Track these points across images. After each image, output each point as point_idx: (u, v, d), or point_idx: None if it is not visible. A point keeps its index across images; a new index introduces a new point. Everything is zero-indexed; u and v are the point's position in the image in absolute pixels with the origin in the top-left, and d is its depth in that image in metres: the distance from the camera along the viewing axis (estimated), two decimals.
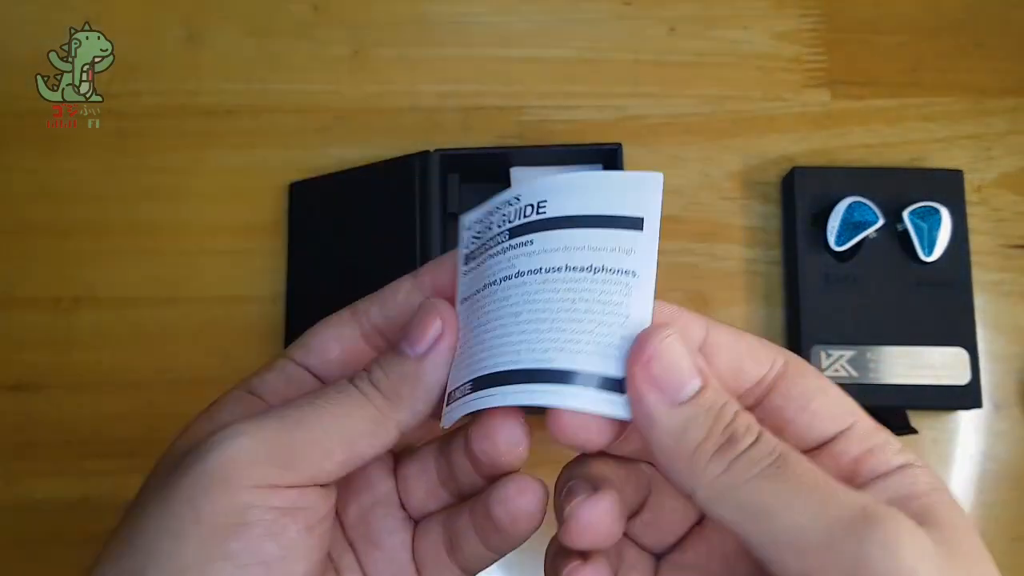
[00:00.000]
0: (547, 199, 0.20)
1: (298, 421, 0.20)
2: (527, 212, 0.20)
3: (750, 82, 0.45)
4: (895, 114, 0.45)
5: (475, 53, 0.46)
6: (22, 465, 0.41)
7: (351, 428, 0.20)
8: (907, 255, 0.41)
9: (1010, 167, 0.44)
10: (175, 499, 0.19)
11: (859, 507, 0.17)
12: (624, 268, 0.19)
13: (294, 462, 0.19)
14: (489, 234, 0.21)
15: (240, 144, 0.45)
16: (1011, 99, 0.45)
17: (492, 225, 0.21)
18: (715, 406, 0.19)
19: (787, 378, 0.21)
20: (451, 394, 0.21)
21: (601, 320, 0.19)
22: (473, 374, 0.20)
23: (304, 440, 0.20)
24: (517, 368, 0.19)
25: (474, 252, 0.22)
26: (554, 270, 0.19)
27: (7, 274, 0.43)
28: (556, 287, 0.19)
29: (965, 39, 0.46)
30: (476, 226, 0.22)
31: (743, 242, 0.44)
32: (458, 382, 0.20)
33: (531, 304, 0.19)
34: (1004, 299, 0.43)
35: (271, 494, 0.19)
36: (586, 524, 0.20)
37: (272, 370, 0.23)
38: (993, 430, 0.42)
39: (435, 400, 0.21)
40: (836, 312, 0.41)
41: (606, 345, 0.19)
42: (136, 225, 0.44)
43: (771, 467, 0.18)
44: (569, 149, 0.41)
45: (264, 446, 0.19)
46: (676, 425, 0.19)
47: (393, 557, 0.24)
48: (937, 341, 0.40)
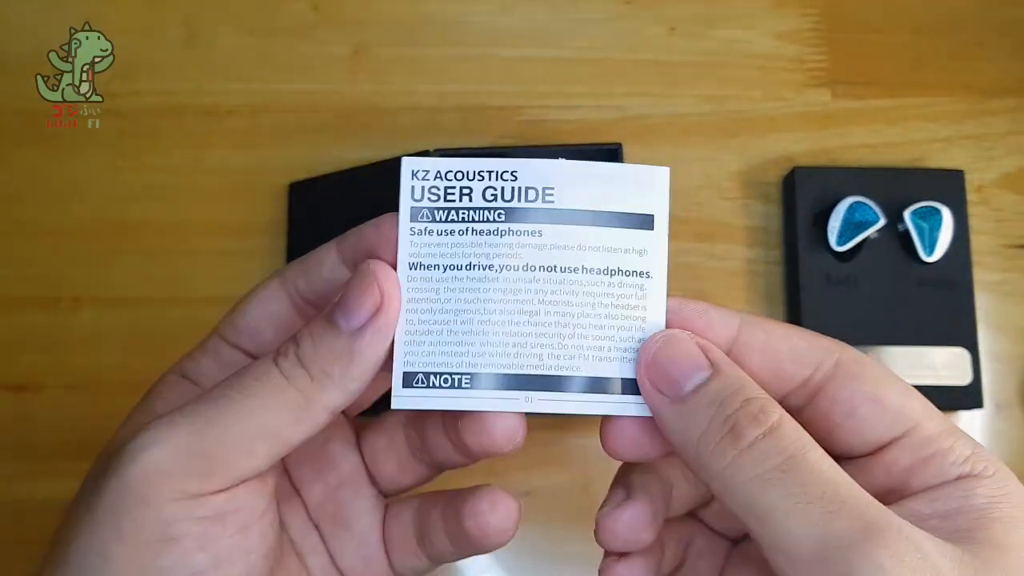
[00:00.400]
0: (554, 187, 0.19)
1: (211, 420, 0.18)
2: (530, 196, 0.19)
3: (751, 82, 0.45)
4: (896, 114, 0.45)
5: (475, 53, 0.46)
6: (22, 465, 0.41)
7: (273, 419, 0.18)
8: (908, 255, 0.41)
9: (1011, 167, 0.44)
10: (99, 516, 0.18)
11: (863, 522, 0.16)
12: (638, 270, 0.20)
13: (213, 468, 0.18)
14: (467, 203, 0.20)
15: (240, 144, 0.45)
16: (1012, 99, 0.45)
17: (472, 193, 0.20)
18: (719, 396, 0.18)
19: (836, 380, 0.20)
20: (421, 376, 0.19)
21: (620, 324, 0.19)
22: (474, 367, 0.19)
23: (220, 441, 0.18)
24: (540, 373, 0.19)
25: (435, 212, 0.20)
26: (570, 270, 0.19)
27: (7, 274, 0.43)
28: (574, 289, 0.19)
29: (966, 39, 0.46)
30: (437, 182, 0.20)
31: (744, 242, 0.44)
32: (440, 366, 0.19)
33: (548, 305, 0.19)
34: (1005, 299, 0.43)
35: (194, 504, 0.18)
36: (612, 532, 0.20)
37: (205, 352, 0.22)
38: (994, 430, 0.42)
39: (371, 377, 0.19)
40: (837, 312, 0.41)
41: (627, 350, 0.19)
42: (136, 225, 0.44)
43: (776, 469, 0.17)
44: (569, 149, 0.41)
45: (178, 455, 0.18)
46: (679, 421, 0.19)
47: (363, 540, 0.23)
48: (938, 341, 0.40)
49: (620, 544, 0.21)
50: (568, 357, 0.19)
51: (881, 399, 0.20)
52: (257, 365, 0.19)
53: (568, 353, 0.19)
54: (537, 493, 0.41)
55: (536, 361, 0.19)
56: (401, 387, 0.19)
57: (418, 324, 0.20)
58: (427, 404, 0.19)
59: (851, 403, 0.20)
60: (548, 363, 0.19)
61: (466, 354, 0.19)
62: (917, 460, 0.19)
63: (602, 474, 0.41)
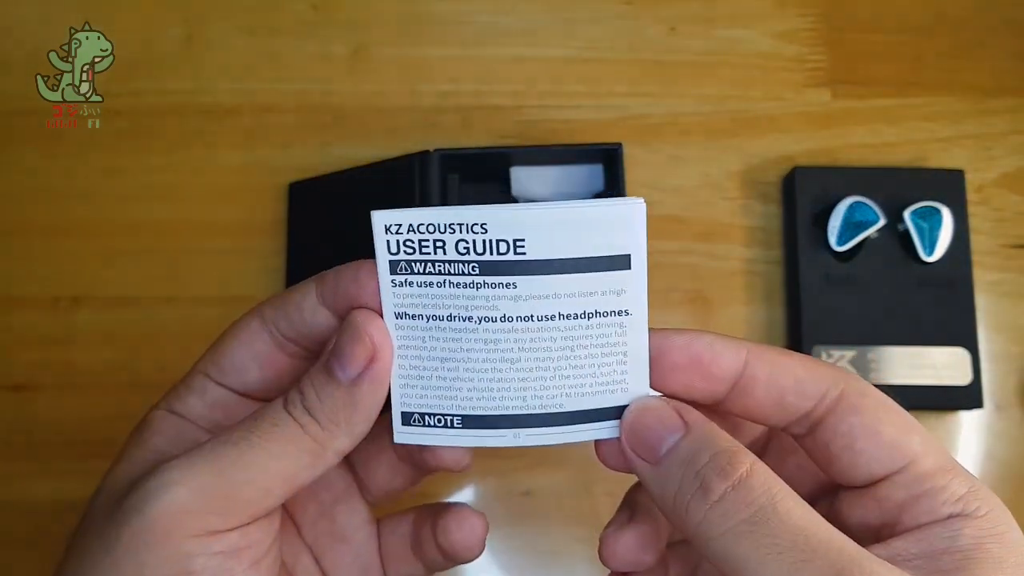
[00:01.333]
0: (525, 238, 0.19)
1: (233, 462, 0.19)
2: (501, 248, 0.19)
3: (751, 82, 0.45)
4: (896, 114, 0.45)
5: (475, 53, 0.46)
6: (22, 465, 0.41)
7: (289, 464, 0.20)
8: (908, 255, 0.41)
9: (1011, 167, 0.44)
10: (119, 554, 0.19)
11: (834, 570, 0.16)
12: (617, 309, 0.20)
13: (233, 507, 0.19)
14: (441, 256, 0.20)
15: (240, 144, 0.45)
16: (1012, 99, 0.45)
17: (444, 246, 0.20)
18: (689, 454, 0.19)
19: (837, 412, 0.20)
20: (416, 416, 0.21)
21: (601, 363, 0.20)
22: (462, 410, 0.20)
23: (241, 483, 0.19)
24: (525, 413, 0.20)
25: (411, 265, 0.20)
26: (547, 318, 0.20)
27: (6, 274, 0.43)
28: (552, 335, 0.20)
29: (966, 39, 0.46)
30: (410, 235, 0.20)
31: (743, 242, 0.44)
32: (432, 408, 0.21)
33: (528, 352, 0.20)
34: (1005, 299, 0.43)
35: (213, 541, 0.19)
36: (613, 552, 0.22)
37: (191, 391, 0.22)
38: (994, 430, 0.42)
39: (374, 419, 0.21)
40: (837, 312, 0.41)
41: (609, 383, 0.20)
42: (136, 225, 0.44)
43: (746, 522, 0.17)
44: (569, 149, 0.41)
45: (201, 495, 0.19)
46: (657, 481, 0.20)
47: (361, 550, 0.24)
48: (938, 341, 0.40)
49: (622, 565, 0.22)
50: (551, 397, 0.20)
51: (879, 433, 0.20)
52: (272, 412, 0.20)
53: (550, 393, 0.20)
54: (537, 493, 0.41)
55: (520, 402, 0.20)
56: (400, 425, 0.21)
57: (409, 369, 0.21)
58: (424, 440, 0.21)
59: (849, 436, 0.20)
60: (531, 403, 0.20)
61: (454, 398, 0.20)
62: (910, 497, 0.19)
63: (602, 474, 0.41)
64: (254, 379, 0.22)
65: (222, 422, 0.22)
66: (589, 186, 0.42)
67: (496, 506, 0.41)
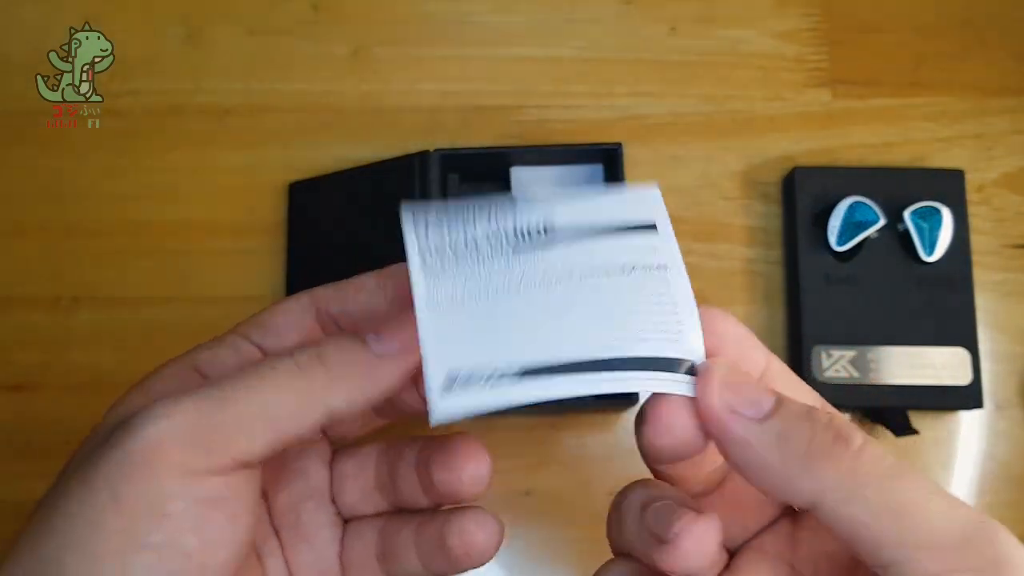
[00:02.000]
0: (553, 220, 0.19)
1: (221, 400, 0.19)
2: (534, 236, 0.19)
3: (751, 82, 0.45)
4: (896, 114, 0.45)
5: (475, 53, 0.46)
6: (22, 465, 0.41)
7: (276, 405, 0.19)
8: (908, 255, 0.41)
9: (1011, 167, 0.44)
10: (95, 483, 0.18)
11: (976, 512, 0.17)
12: (655, 263, 0.19)
13: (215, 444, 0.18)
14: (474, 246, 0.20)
15: (240, 144, 0.45)
16: (1013, 99, 0.45)
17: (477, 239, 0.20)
18: (803, 410, 0.18)
19: None
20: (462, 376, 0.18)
21: (653, 310, 0.19)
22: (521, 359, 0.18)
23: (226, 420, 0.19)
24: (584, 359, 0.18)
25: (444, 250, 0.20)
26: (589, 275, 0.19)
27: (6, 274, 0.43)
28: (598, 287, 0.19)
29: (967, 38, 0.46)
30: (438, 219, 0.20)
31: (744, 242, 0.44)
32: (481, 363, 0.18)
33: (577, 307, 0.19)
34: (1005, 299, 0.43)
35: (193, 483, 0.18)
36: (695, 548, 0.18)
37: (224, 345, 0.22)
38: (994, 430, 0.42)
39: (374, 401, 0.20)
40: (837, 312, 0.41)
41: (668, 332, 0.19)
42: (136, 225, 0.44)
43: (895, 466, 0.17)
44: (569, 149, 0.41)
45: (185, 427, 0.18)
46: (773, 438, 0.18)
47: (321, 554, 0.23)
48: (938, 341, 0.40)
49: (697, 563, 0.19)
50: (609, 342, 0.19)
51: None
52: (272, 356, 0.20)
53: (608, 339, 0.19)
54: (537, 493, 0.41)
55: (580, 348, 0.18)
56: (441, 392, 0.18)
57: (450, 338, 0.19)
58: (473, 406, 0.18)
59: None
60: (592, 350, 0.18)
61: (506, 348, 0.18)
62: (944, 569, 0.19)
63: (602, 474, 0.41)
64: (291, 344, 0.22)
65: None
66: (589, 183, 0.42)
67: (496, 506, 0.40)
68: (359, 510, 0.24)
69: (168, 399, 0.19)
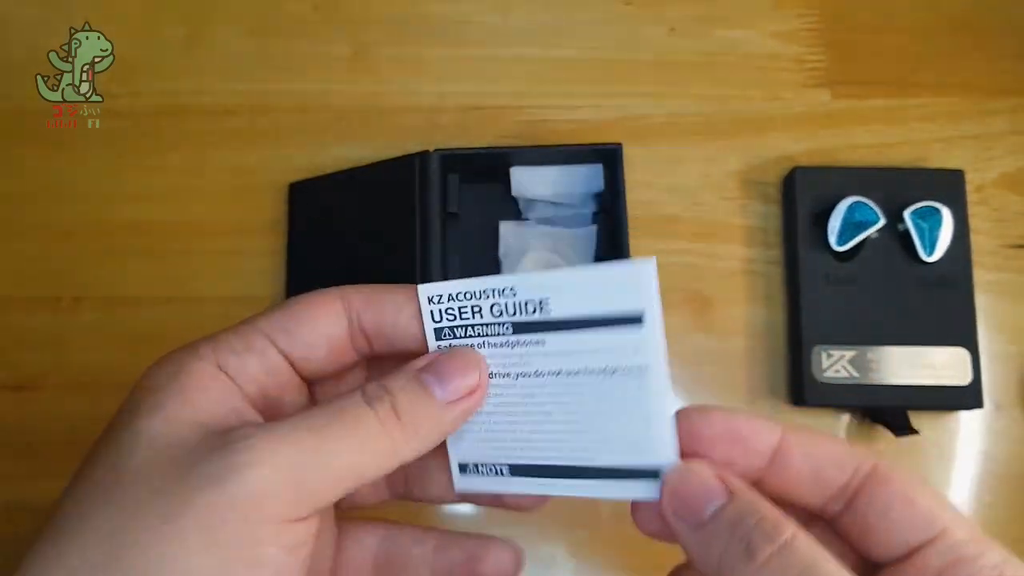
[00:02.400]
0: (549, 297, 0.21)
1: (315, 449, 0.19)
2: (530, 308, 0.21)
3: (750, 82, 0.45)
4: (896, 114, 0.45)
5: (475, 53, 0.46)
6: (22, 465, 0.41)
7: (364, 459, 0.20)
8: (908, 255, 0.41)
9: (1011, 167, 0.44)
10: (186, 522, 0.18)
11: None
12: (635, 365, 0.21)
13: (306, 496, 0.19)
14: (479, 320, 0.22)
15: (240, 144, 0.45)
16: (1012, 99, 0.45)
17: (481, 310, 0.22)
18: (735, 519, 0.19)
19: (872, 483, 0.21)
20: (471, 465, 0.23)
21: (627, 417, 0.21)
22: (509, 459, 0.22)
23: (320, 475, 0.19)
24: (560, 464, 0.22)
25: (453, 330, 0.22)
26: (575, 373, 0.21)
27: (7, 274, 0.43)
28: (580, 390, 0.21)
29: (966, 39, 0.46)
30: (451, 303, 0.22)
31: (743, 242, 0.44)
32: (483, 459, 0.22)
33: (560, 406, 0.21)
34: (1005, 299, 0.43)
35: (284, 531, 0.18)
36: None
37: (252, 351, 0.22)
38: (994, 430, 0.42)
39: (437, 445, 0.21)
40: (837, 312, 0.41)
41: (635, 440, 0.21)
42: (136, 225, 0.44)
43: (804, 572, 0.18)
44: (569, 149, 0.41)
45: (284, 479, 0.18)
46: (700, 544, 0.20)
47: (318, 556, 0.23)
48: (938, 341, 0.40)
49: None
50: (584, 450, 0.21)
51: (914, 501, 0.20)
52: (353, 405, 0.20)
53: (584, 447, 0.21)
54: None
55: (557, 454, 0.22)
56: (459, 474, 0.23)
57: (460, 434, 0.23)
58: (482, 487, 0.23)
59: (885, 504, 0.20)
60: (568, 455, 0.21)
61: (502, 448, 0.22)
62: (947, 563, 0.19)
63: None
64: (318, 360, 0.22)
65: (270, 393, 0.22)
66: (589, 186, 0.42)
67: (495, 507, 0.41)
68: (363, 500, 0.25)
69: (263, 441, 0.19)
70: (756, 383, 0.42)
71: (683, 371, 0.42)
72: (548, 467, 0.22)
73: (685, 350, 0.42)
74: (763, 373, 0.42)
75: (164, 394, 0.20)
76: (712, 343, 0.42)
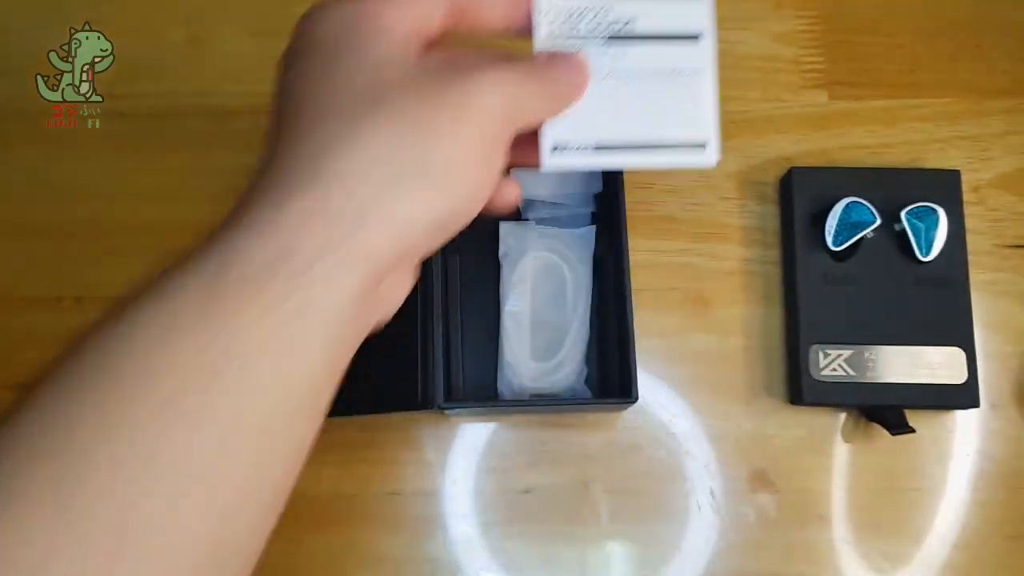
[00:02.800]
0: (635, 16, 0.28)
1: (524, 93, 0.24)
2: (617, 27, 0.28)
3: (749, 83, 0.46)
4: (893, 115, 0.45)
5: None
6: None
7: (547, 105, 0.26)
8: (904, 255, 0.42)
9: (1007, 167, 0.45)
10: (438, 123, 0.23)
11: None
12: (693, 67, 0.28)
13: (518, 120, 0.25)
14: (579, 32, 0.28)
15: (241, 146, 0.45)
16: (1008, 100, 0.45)
17: (582, 22, 0.28)
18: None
19: None
20: (562, 145, 0.27)
21: (686, 105, 0.28)
22: (595, 140, 0.28)
23: (523, 108, 0.25)
24: (635, 143, 0.28)
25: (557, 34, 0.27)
26: (650, 74, 0.28)
27: (8, 274, 0.43)
28: (653, 85, 0.28)
29: (963, 40, 0.46)
30: (557, 11, 0.27)
31: (742, 242, 0.44)
32: (574, 139, 0.28)
33: (636, 98, 0.28)
34: (1001, 299, 0.43)
35: (502, 137, 0.24)
36: None
37: None
38: (990, 429, 0.42)
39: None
40: (834, 312, 0.41)
41: (691, 121, 0.28)
42: (137, 225, 0.44)
43: None
44: None
45: (506, 104, 0.24)
46: None
47: None
48: (934, 340, 0.41)
49: None
50: (653, 129, 0.28)
51: None
52: (545, 67, 0.26)
53: (652, 127, 0.28)
54: (536, 492, 0.41)
55: (632, 135, 0.28)
56: (550, 153, 0.28)
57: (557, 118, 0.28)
58: (568, 163, 0.28)
59: None
60: (639, 136, 0.28)
61: (589, 131, 0.28)
62: None
63: (602, 474, 0.41)
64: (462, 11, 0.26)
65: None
66: (588, 185, 0.42)
67: (495, 504, 0.41)
68: None
69: (494, 75, 0.23)
70: (754, 382, 0.42)
71: (681, 370, 0.42)
72: (625, 146, 0.28)
73: (683, 349, 0.42)
74: (761, 372, 0.42)
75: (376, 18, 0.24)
76: (710, 342, 0.43)
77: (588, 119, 0.28)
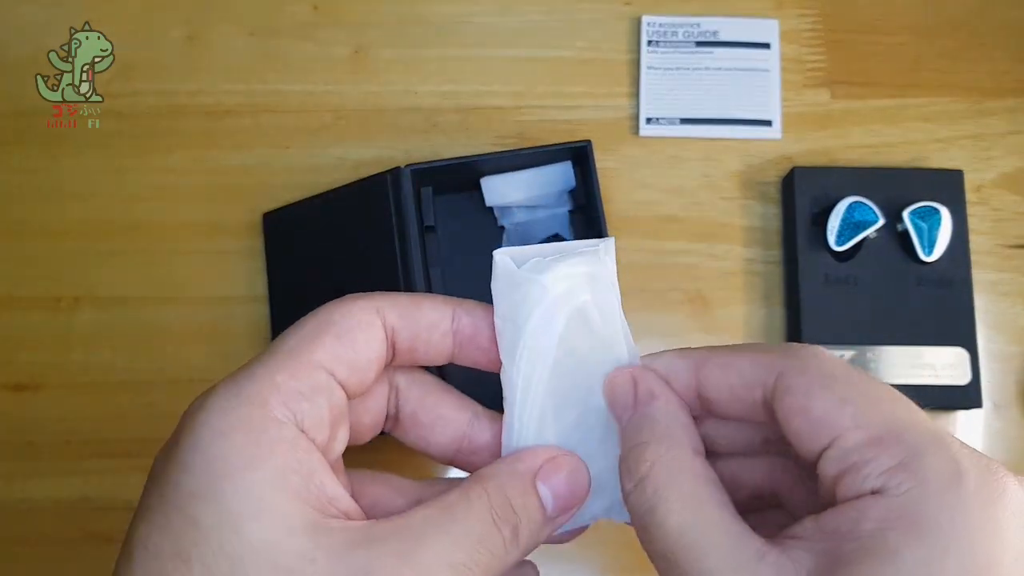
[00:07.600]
0: (718, 30, 0.37)
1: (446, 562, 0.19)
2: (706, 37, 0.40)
3: None
4: (895, 114, 0.45)
5: (475, 53, 0.46)
6: (22, 465, 0.41)
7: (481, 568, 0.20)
8: (907, 255, 0.41)
9: (1009, 167, 0.44)
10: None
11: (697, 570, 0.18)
12: (763, 68, 0.40)
13: None
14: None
15: (240, 144, 0.45)
16: (1011, 99, 0.45)
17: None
18: (623, 438, 0.21)
19: (776, 396, 0.20)
20: (655, 117, 0.34)
21: (756, 92, 0.39)
22: (680, 115, 0.34)
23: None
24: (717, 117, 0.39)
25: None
26: (732, 69, 0.42)
27: (7, 274, 0.43)
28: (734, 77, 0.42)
29: (965, 39, 0.46)
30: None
31: (743, 242, 0.44)
32: (666, 115, 0.33)
33: (720, 85, 0.41)
34: (1004, 299, 0.43)
35: None
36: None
37: (320, 391, 0.20)
38: (993, 430, 0.42)
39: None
40: (836, 312, 0.41)
41: (760, 104, 0.38)
42: (136, 225, 0.44)
43: (640, 519, 0.20)
44: (538, 151, 0.40)
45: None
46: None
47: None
48: (937, 341, 0.41)
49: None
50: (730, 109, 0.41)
51: (808, 410, 0.19)
52: (484, 524, 0.20)
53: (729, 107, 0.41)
54: None
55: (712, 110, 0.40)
56: (644, 123, 0.33)
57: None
58: (659, 133, 0.34)
59: (786, 416, 0.20)
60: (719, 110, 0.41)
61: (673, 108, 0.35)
62: (840, 471, 0.18)
63: None
64: (364, 385, 0.21)
65: (329, 440, 0.20)
66: (563, 185, 0.41)
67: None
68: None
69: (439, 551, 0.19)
70: None
71: None
72: (707, 120, 0.35)
73: None
74: None
75: (250, 478, 0.18)
76: (712, 343, 0.42)
77: (676, 100, 0.39)
